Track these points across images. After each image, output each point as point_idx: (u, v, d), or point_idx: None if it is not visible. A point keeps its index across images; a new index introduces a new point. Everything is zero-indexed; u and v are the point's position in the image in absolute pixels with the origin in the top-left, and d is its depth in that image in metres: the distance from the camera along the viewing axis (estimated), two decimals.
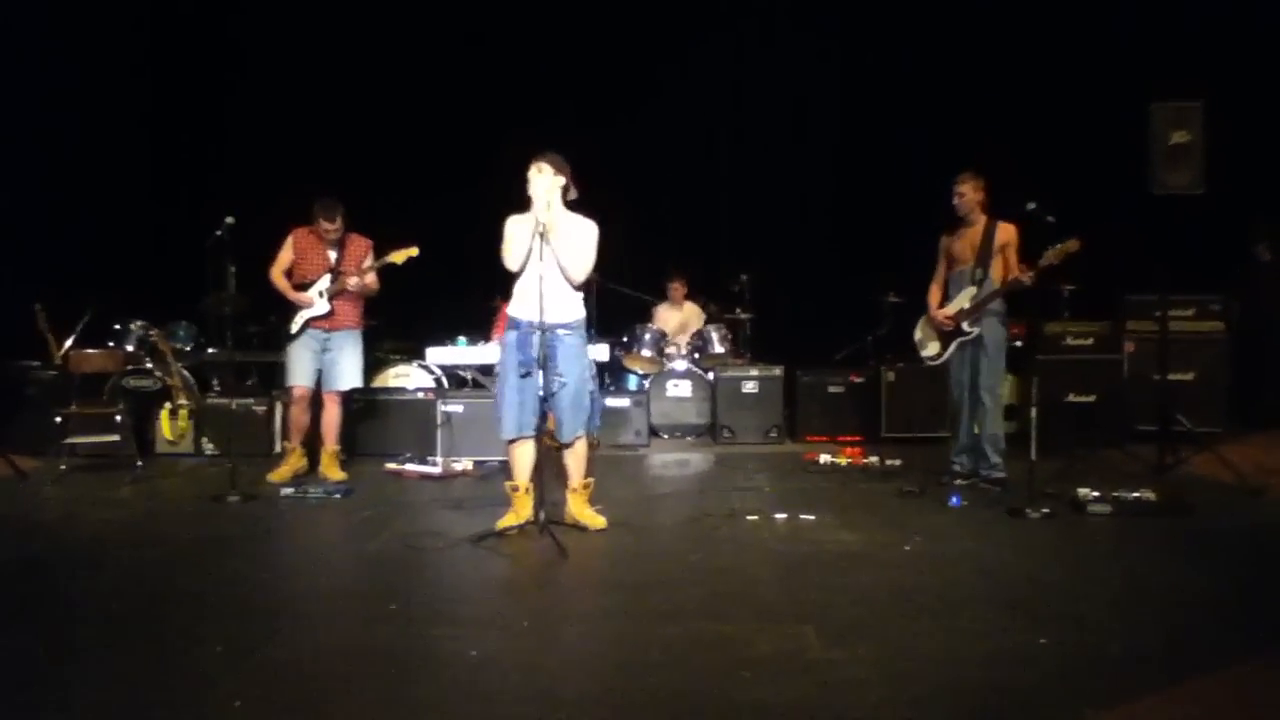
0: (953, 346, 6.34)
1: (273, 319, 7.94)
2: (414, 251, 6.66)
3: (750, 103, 10.73)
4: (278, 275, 6.85)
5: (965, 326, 6.24)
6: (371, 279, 6.92)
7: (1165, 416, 6.95)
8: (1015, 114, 9.11)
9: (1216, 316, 8.15)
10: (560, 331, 5.25)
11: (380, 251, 6.83)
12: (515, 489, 5.43)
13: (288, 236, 6.92)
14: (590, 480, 5.56)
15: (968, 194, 6.24)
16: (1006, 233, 6.23)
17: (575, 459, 5.48)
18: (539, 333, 5.14)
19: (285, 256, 6.89)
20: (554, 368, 5.20)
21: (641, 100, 10.42)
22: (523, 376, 5.25)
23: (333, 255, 6.88)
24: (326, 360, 6.90)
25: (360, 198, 7.13)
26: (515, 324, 5.34)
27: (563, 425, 5.37)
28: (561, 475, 5.57)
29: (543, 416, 5.36)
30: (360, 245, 6.95)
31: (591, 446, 5.68)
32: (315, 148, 9.48)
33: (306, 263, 6.88)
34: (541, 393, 5.20)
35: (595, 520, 5.47)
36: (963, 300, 6.27)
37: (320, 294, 6.82)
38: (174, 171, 10.16)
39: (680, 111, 10.51)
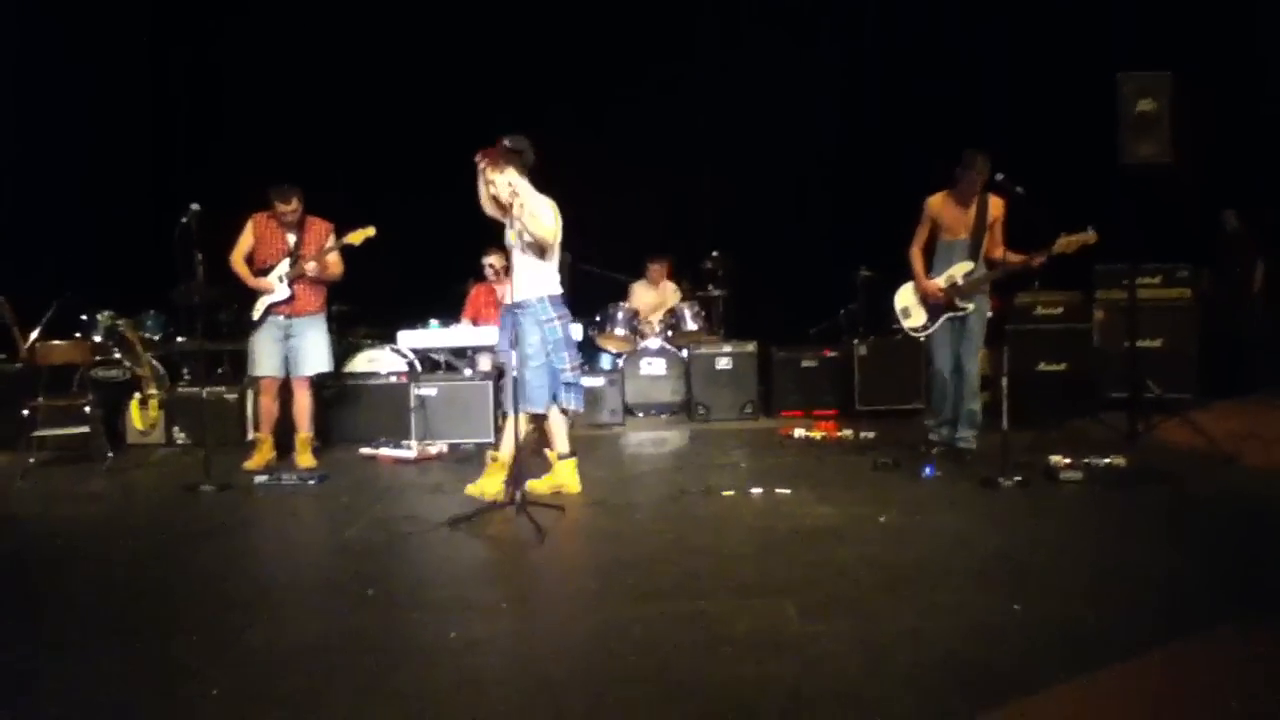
0: (941, 319, 6.32)
1: (235, 307, 7.86)
2: (370, 232, 6.61)
3: (725, 81, 10.69)
4: (238, 261, 6.77)
5: (959, 302, 6.24)
6: (333, 260, 6.84)
7: (1135, 384, 7.01)
8: (982, 84, 9.13)
9: (1184, 284, 8.21)
10: (517, 311, 5.58)
11: (340, 234, 6.78)
12: (494, 459, 5.84)
13: (247, 222, 6.84)
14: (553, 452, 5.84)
15: (984, 174, 6.14)
16: (997, 207, 6.26)
17: (550, 428, 5.80)
18: (508, 313, 5.59)
19: (245, 242, 6.81)
20: (515, 344, 5.55)
21: (618, 81, 10.38)
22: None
23: (291, 239, 6.81)
24: (290, 346, 6.84)
25: (333, 180, 7.09)
26: (504, 307, 5.77)
27: (524, 396, 5.59)
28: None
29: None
30: (321, 229, 6.88)
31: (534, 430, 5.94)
32: (285, 133, 9.40)
33: (266, 247, 6.80)
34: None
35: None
36: (956, 273, 6.24)
37: (280, 279, 6.75)
38: (140, 160, 10.03)
39: (656, 92, 10.49)
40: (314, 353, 6.89)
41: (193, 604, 4.06)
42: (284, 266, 6.76)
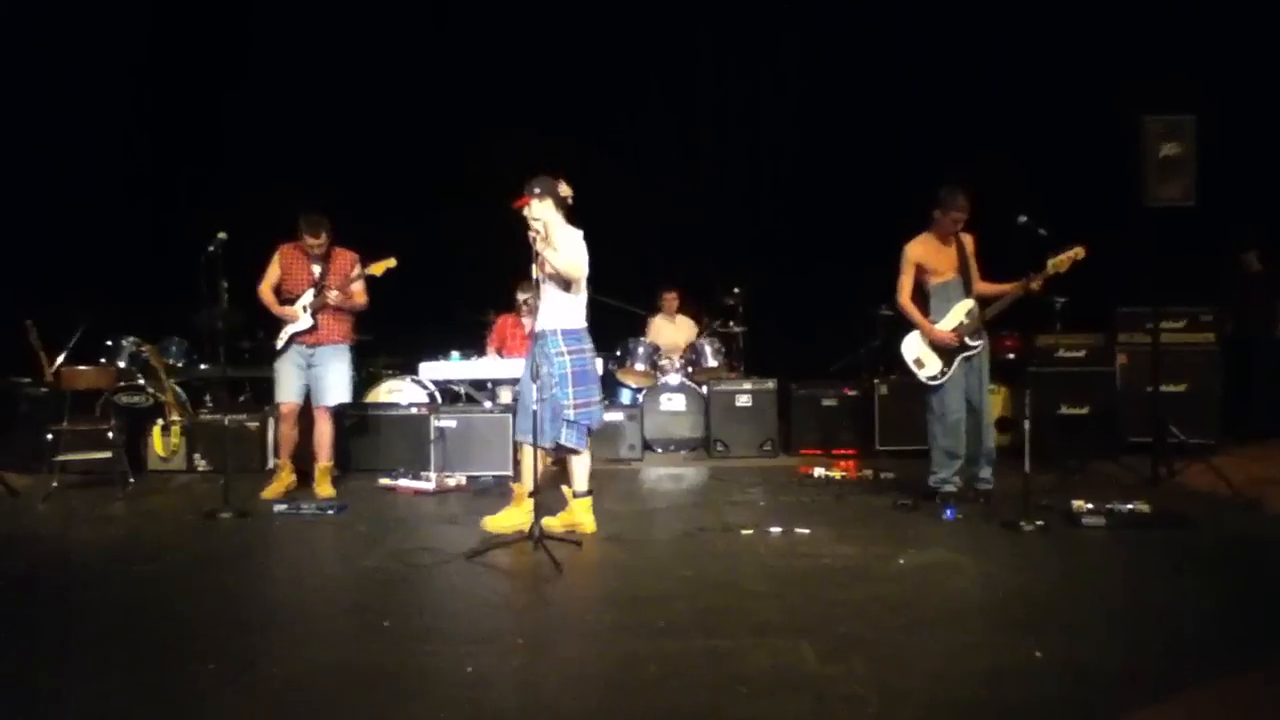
0: (957, 362, 6.21)
1: (260, 335, 7.93)
2: (392, 263, 6.70)
3: (743, 114, 10.75)
4: (265, 292, 6.87)
5: (969, 340, 6.21)
6: (357, 289, 6.91)
7: (1158, 428, 6.96)
8: (1008, 125, 9.15)
9: (1208, 328, 8.15)
10: (540, 341, 5.61)
11: (363, 265, 6.85)
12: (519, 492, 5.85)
13: (274, 253, 6.92)
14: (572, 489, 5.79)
15: (965, 212, 6.14)
16: (971, 242, 6.30)
17: (572, 466, 5.74)
18: (534, 341, 5.65)
19: (273, 273, 6.90)
20: (535, 375, 5.57)
21: (635, 112, 10.48)
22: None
23: (317, 270, 6.89)
24: (312, 375, 6.90)
25: (355, 213, 7.14)
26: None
27: (541, 430, 5.57)
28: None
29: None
30: (346, 259, 6.95)
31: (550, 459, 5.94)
32: (309, 163, 9.47)
33: (292, 278, 6.88)
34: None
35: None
36: (959, 314, 6.21)
37: (304, 309, 6.82)
38: (167, 187, 10.16)
39: (673, 124, 10.56)
40: (336, 383, 6.94)
41: (208, 630, 4.07)
42: (308, 296, 6.83)
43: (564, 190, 5.61)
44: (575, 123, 10.01)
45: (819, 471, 7.57)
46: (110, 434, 7.17)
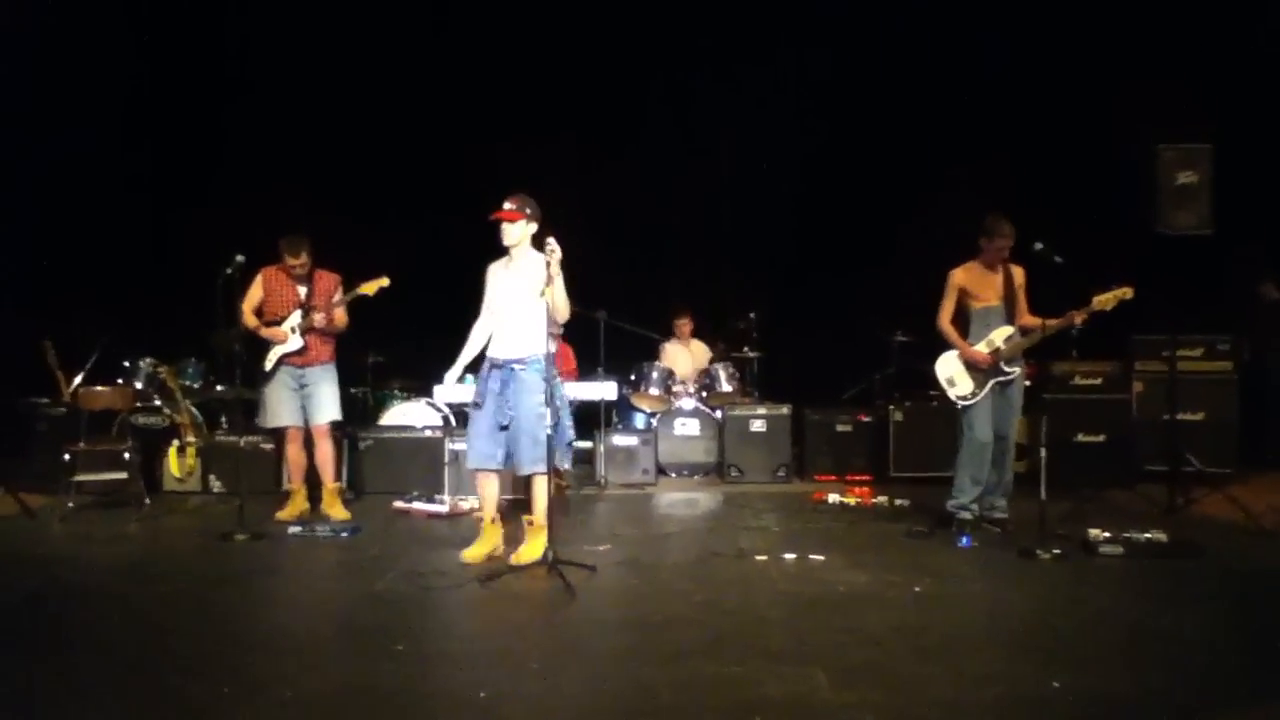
0: (989, 385, 6.22)
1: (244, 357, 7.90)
2: (385, 282, 6.72)
3: (756, 139, 10.77)
4: (248, 314, 6.86)
5: (1005, 366, 6.21)
6: (340, 314, 6.95)
7: (1175, 457, 6.92)
8: (1024, 153, 9.16)
9: (1225, 356, 8.13)
10: (515, 367, 5.51)
11: (349, 285, 6.87)
12: (480, 519, 5.72)
13: (256, 275, 6.95)
14: (533, 518, 5.54)
15: (1010, 239, 6.19)
16: (1020, 274, 6.30)
17: (534, 493, 5.54)
18: (495, 369, 5.56)
19: (255, 294, 6.92)
20: (505, 401, 5.47)
21: (647, 136, 10.49)
22: (476, 407, 5.57)
23: (302, 291, 6.93)
24: (306, 395, 6.94)
25: (365, 233, 7.14)
26: (484, 360, 5.67)
27: (517, 458, 5.50)
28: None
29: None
30: (328, 281, 7.00)
31: (561, 487, 5.70)
32: (321, 184, 9.49)
33: (276, 300, 6.91)
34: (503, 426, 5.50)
35: (530, 554, 5.41)
36: (996, 339, 6.21)
37: (292, 330, 6.85)
38: (182, 209, 10.22)
39: (685, 149, 10.58)
40: (328, 401, 6.99)
41: (220, 651, 4.08)
42: (295, 318, 6.86)
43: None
44: (587, 141, 10.05)
45: (833, 497, 7.56)
46: (126, 455, 7.21)
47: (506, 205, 5.56)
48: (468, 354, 5.79)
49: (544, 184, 5.77)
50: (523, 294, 5.57)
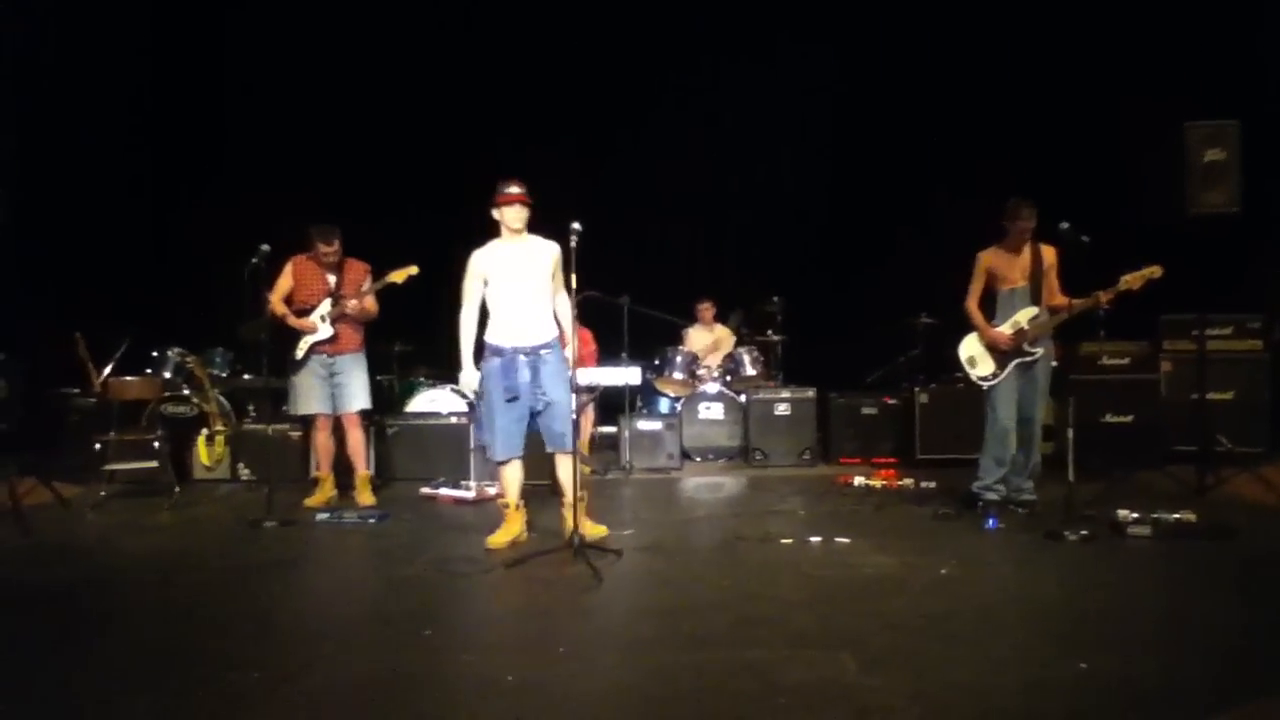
0: (1011, 367, 6.20)
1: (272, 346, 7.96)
2: (414, 270, 6.75)
3: (784, 122, 10.72)
4: (277, 303, 6.90)
5: (1027, 347, 6.17)
6: (370, 302, 6.99)
7: (1205, 437, 6.86)
8: (1049, 134, 9.07)
9: (1255, 335, 8.04)
10: (543, 352, 5.55)
11: (379, 274, 6.90)
12: (506, 506, 5.75)
13: (286, 264, 6.99)
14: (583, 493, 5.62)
15: (1031, 221, 6.15)
16: (1051, 255, 6.24)
17: (568, 472, 5.60)
18: (522, 356, 5.53)
19: (284, 284, 6.96)
20: (539, 388, 5.50)
21: (674, 117, 10.46)
22: (509, 401, 5.53)
23: (332, 279, 6.97)
24: (336, 384, 6.98)
25: (393, 225, 7.16)
26: (498, 351, 5.58)
27: (562, 437, 5.55)
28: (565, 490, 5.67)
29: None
30: (358, 269, 7.03)
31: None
32: (343, 178, 9.54)
33: (306, 289, 6.95)
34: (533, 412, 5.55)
35: (596, 529, 5.65)
36: (1021, 319, 6.17)
37: (322, 318, 6.89)
38: (210, 199, 10.28)
39: (712, 132, 10.55)
40: (359, 390, 7.04)
41: (251, 638, 4.13)
42: (325, 306, 6.90)
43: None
44: (611, 129, 10.05)
45: (859, 481, 7.54)
46: (156, 444, 7.30)
47: (516, 189, 5.59)
48: (469, 346, 5.77)
49: (567, 168, 5.76)
50: (537, 277, 5.60)
